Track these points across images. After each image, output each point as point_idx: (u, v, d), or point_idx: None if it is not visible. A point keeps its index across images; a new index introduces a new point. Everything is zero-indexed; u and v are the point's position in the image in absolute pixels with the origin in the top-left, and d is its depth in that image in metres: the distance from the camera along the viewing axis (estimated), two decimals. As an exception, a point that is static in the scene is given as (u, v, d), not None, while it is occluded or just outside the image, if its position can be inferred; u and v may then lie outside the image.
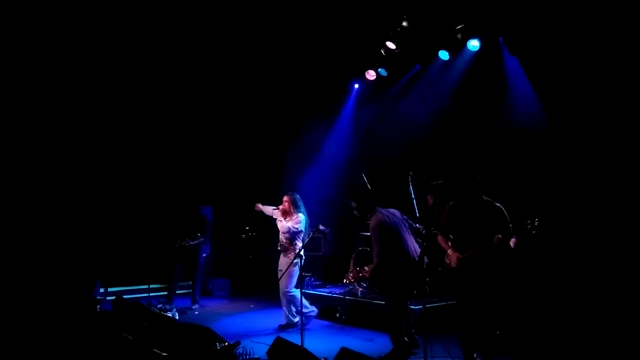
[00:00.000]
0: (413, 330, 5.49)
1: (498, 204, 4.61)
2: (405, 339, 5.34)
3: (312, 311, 6.87)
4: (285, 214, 6.86)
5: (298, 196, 6.96)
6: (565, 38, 6.03)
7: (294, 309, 6.75)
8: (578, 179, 6.09)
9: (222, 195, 10.53)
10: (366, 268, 6.77)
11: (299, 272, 6.59)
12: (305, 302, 6.60)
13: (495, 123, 7.20)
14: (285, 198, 6.92)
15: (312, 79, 9.14)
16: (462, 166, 7.23)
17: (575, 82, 6.07)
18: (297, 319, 6.66)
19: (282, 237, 6.86)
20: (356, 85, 9.36)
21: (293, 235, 6.76)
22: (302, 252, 6.16)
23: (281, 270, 6.69)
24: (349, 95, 9.54)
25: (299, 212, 6.82)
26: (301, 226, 6.77)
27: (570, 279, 5.94)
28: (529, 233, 4.25)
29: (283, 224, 6.82)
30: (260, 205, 7.13)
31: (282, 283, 6.67)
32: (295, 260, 6.27)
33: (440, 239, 4.80)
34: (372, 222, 5.47)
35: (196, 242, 8.51)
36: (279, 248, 6.92)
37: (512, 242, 4.41)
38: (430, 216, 7.43)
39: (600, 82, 5.83)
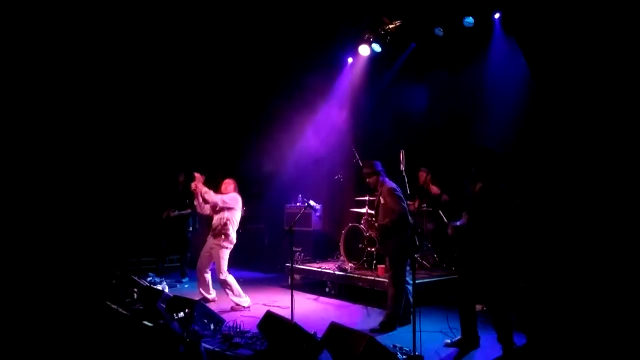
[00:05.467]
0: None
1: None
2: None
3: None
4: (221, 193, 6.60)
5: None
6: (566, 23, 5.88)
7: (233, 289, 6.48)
8: (569, 164, 6.02)
9: (215, 171, 10.46)
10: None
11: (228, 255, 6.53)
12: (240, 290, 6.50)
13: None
14: (228, 181, 6.66)
15: (306, 53, 8.96)
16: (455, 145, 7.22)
17: (572, 68, 5.95)
18: (246, 298, 6.51)
19: (215, 219, 6.57)
20: (350, 60, 9.24)
21: (224, 210, 6.47)
22: (234, 236, 6.49)
23: (208, 252, 6.61)
24: (342, 70, 9.41)
25: (235, 192, 6.62)
26: (233, 203, 6.50)
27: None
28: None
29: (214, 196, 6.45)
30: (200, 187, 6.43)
31: (216, 266, 6.54)
32: (225, 244, 6.45)
33: None
34: (387, 185, 5.59)
35: (181, 212, 8.47)
36: (211, 234, 6.64)
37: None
38: (422, 193, 7.46)
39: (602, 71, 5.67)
